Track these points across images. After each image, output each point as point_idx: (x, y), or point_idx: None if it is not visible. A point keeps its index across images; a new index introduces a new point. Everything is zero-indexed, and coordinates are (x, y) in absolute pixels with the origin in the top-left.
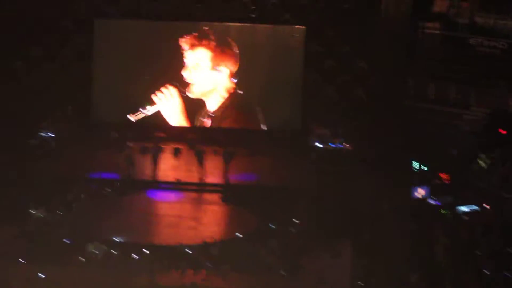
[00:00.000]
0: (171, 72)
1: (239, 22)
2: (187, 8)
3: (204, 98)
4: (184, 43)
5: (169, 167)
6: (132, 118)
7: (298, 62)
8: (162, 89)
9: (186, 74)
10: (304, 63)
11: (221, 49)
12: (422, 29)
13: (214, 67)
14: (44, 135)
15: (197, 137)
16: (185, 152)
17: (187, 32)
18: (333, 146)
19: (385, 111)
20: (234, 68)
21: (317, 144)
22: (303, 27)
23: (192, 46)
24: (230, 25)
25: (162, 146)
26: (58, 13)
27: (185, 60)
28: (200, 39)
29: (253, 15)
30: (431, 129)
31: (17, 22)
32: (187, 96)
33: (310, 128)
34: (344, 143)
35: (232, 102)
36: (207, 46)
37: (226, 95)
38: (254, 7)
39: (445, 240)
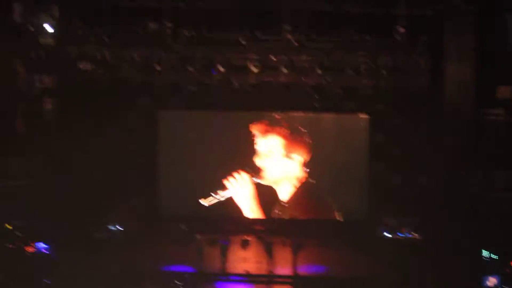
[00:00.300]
0: (240, 159)
1: (303, 111)
2: (250, 97)
3: (275, 186)
4: (256, 129)
5: (238, 259)
6: (204, 202)
7: (363, 151)
8: (234, 174)
9: (258, 161)
10: (369, 152)
11: (294, 137)
12: (487, 115)
13: (287, 155)
14: (111, 228)
15: (265, 227)
16: (254, 243)
17: (258, 120)
18: (401, 235)
19: (452, 199)
20: (307, 157)
21: (385, 234)
22: (366, 115)
23: (265, 132)
24: (297, 114)
25: (231, 238)
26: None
27: (256, 147)
28: (273, 126)
29: (317, 105)
30: (499, 217)
31: (83, 114)
32: (258, 183)
33: (377, 218)
34: (412, 233)
35: (304, 191)
36: (280, 133)
37: (297, 184)
38: (318, 97)
39: None
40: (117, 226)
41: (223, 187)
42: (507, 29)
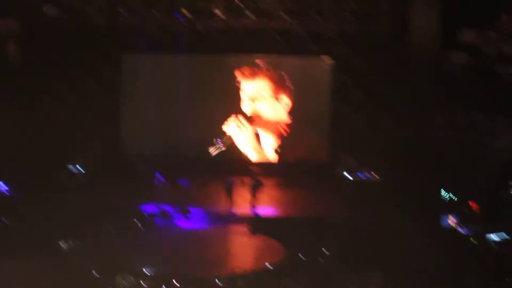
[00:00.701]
0: (222, 105)
1: (268, 54)
2: (214, 41)
3: (264, 131)
4: (241, 74)
5: (199, 197)
6: (212, 151)
7: (325, 93)
8: (232, 120)
9: (247, 105)
10: (331, 94)
11: (278, 79)
12: (450, 59)
13: (275, 96)
14: (72, 168)
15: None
16: (210, 183)
17: (228, 66)
18: (362, 176)
19: (412, 141)
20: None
21: (345, 175)
22: (329, 58)
23: (252, 75)
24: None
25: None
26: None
27: (242, 92)
28: (260, 69)
29: (280, 47)
30: (459, 157)
31: (43, 56)
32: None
33: (338, 159)
34: (372, 173)
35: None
36: (267, 76)
37: (284, 129)
38: (280, 39)
39: (475, 269)
40: (78, 167)
41: (223, 134)
42: None
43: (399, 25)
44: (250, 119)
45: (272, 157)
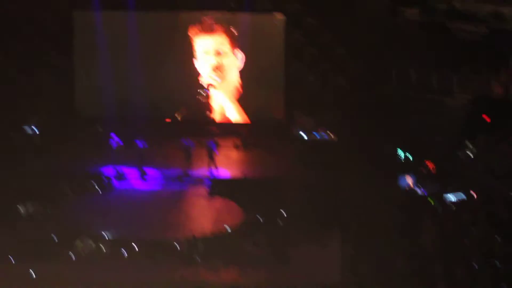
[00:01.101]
0: (176, 63)
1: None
2: None
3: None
4: (198, 30)
5: (156, 159)
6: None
7: (280, 50)
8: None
9: (210, 60)
10: (284, 53)
11: (232, 36)
12: (402, 14)
13: (233, 51)
14: (28, 129)
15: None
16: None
17: (175, 22)
18: (317, 135)
19: (367, 99)
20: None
21: (301, 134)
22: (282, 14)
23: (210, 31)
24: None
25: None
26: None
27: (199, 47)
28: (218, 24)
29: (232, 5)
30: (415, 116)
31: None
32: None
33: (294, 118)
34: (328, 132)
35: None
36: (223, 31)
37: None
38: None
39: (432, 229)
40: (33, 127)
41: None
42: None
43: None
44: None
45: (230, 117)
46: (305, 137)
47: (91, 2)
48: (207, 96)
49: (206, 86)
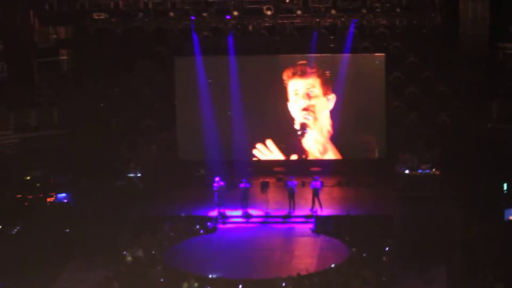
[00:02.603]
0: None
1: (319, 53)
2: (265, 42)
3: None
4: (291, 73)
5: (259, 200)
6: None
7: (380, 89)
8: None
9: (301, 103)
10: (386, 91)
11: (326, 78)
12: (502, 50)
13: (325, 94)
14: (131, 176)
15: (286, 169)
16: (272, 185)
17: (273, 66)
18: (420, 172)
19: (470, 135)
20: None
21: (404, 171)
22: (383, 54)
23: (303, 74)
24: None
25: (250, 181)
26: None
27: (291, 90)
28: (311, 67)
29: (332, 45)
30: None
31: (99, 64)
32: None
33: (396, 156)
34: (430, 169)
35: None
36: (317, 74)
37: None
38: (332, 37)
39: None
40: (137, 173)
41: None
42: None
43: (450, 18)
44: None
45: (331, 156)
46: (409, 174)
47: (192, 48)
48: (302, 134)
49: (299, 125)
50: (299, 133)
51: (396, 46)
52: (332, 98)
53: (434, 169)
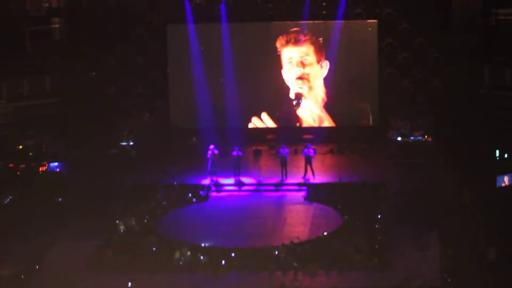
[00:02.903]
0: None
1: (312, 20)
2: (257, 9)
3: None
4: (284, 40)
5: (251, 168)
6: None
7: (373, 56)
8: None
9: (296, 71)
10: (378, 57)
11: (320, 45)
12: (495, 15)
13: (318, 61)
14: (124, 144)
15: (279, 137)
16: (265, 153)
17: (265, 33)
18: (413, 139)
19: (462, 101)
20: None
21: (396, 137)
22: (375, 20)
23: (296, 42)
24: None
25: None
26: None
27: (285, 58)
28: (304, 35)
29: (325, 12)
30: (510, 116)
31: (91, 32)
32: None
33: (388, 122)
34: (423, 135)
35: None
36: (310, 41)
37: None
38: (325, 4)
39: None
40: (130, 142)
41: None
42: None
43: None
44: (305, 86)
45: (320, 124)
46: (400, 140)
47: (185, 16)
48: (297, 104)
49: (294, 95)
50: (294, 103)
51: (389, 12)
52: (326, 65)
53: (426, 136)
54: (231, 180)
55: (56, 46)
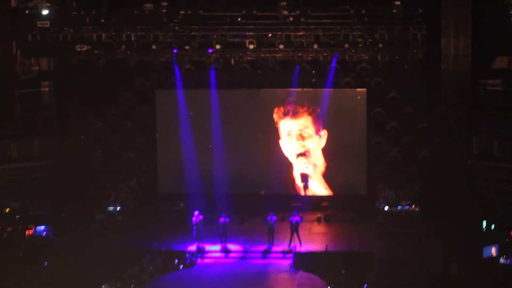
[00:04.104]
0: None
1: (301, 88)
2: (247, 76)
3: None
4: (281, 113)
5: (238, 236)
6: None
7: (362, 125)
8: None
9: (295, 144)
10: (367, 126)
11: (316, 114)
12: (484, 86)
13: (317, 132)
14: (111, 209)
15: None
16: (252, 220)
17: (254, 100)
18: (400, 208)
19: (450, 171)
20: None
21: (384, 207)
22: (364, 89)
23: (295, 114)
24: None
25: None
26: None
27: (284, 130)
28: (301, 106)
29: (314, 80)
30: (497, 187)
31: (81, 95)
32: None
33: (376, 192)
34: (410, 205)
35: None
36: (307, 112)
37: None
38: (314, 72)
39: None
40: (117, 207)
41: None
42: (503, 1)
43: (432, 54)
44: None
45: (313, 192)
46: (387, 209)
47: (174, 82)
48: (306, 187)
49: (300, 177)
50: (301, 185)
51: (378, 81)
52: (324, 134)
53: (413, 206)
54: (217, 247)
55: (45, 109)
